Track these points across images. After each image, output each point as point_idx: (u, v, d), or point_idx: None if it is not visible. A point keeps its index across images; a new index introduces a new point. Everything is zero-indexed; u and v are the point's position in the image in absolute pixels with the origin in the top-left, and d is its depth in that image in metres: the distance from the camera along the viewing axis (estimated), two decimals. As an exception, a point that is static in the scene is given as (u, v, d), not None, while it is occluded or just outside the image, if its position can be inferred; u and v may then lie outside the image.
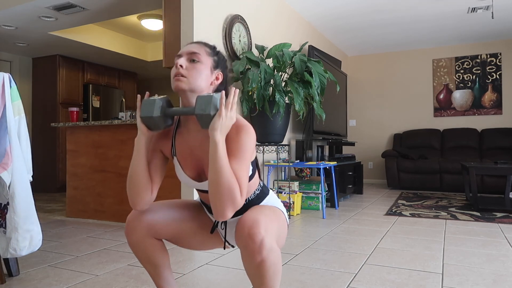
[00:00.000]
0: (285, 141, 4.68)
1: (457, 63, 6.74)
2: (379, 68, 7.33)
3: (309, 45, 4.75)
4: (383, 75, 7.31)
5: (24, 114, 2.04)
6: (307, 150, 4.79)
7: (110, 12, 4.26)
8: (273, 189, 4.10)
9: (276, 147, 3.93)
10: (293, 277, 2.02)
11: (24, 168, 1.93)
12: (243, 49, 3.84)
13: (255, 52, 4.08)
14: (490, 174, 4.63)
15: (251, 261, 1.12)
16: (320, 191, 4.19)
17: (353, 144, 5.64)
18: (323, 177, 3.99)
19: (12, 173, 1.87)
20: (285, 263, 2.28)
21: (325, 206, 4.36)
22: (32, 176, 2.07)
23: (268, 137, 3.65)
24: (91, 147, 3.74)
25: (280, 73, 3.78)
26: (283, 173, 4.47)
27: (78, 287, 1.91)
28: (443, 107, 6.81)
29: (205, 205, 1.43)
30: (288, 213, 3.87)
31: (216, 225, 1.38)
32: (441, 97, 6.83)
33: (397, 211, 4.06)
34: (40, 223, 2.81)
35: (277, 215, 1.29)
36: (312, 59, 3.70)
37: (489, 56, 6.53)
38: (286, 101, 3.66)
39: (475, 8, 5.00)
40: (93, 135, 3.73)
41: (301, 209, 4.27)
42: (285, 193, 3.91)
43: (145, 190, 1.25)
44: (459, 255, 2.43)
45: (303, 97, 3.55)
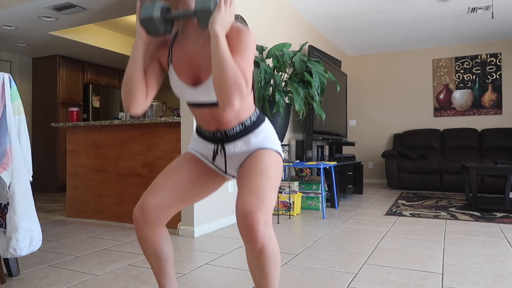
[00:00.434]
0: (285, 141, 4.68)
1: (457, 63, 6.74)
2: (379, 68, 7.34)
3: (309, 45, 4.76)
4: (383, 75, 7.31)
5: (24, 114, 2.04)
6: (307, 150, 4.79)
7: (110, 12, 4.26)
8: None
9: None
10: (293, 277, 2.02)
11: (24, 168, 1.93)
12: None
13: (255, 52, 4.08)
14: (490, 174, 4.63)
15: (252, 249, 1.16)
16: (320, 191, 4.19)
17: (353, 144, 5.64)
18: (323, 177, 3.99)
19: (12, 173, 1.87)
20: (285, 263, 2.28)
21: (325, 206, 4.36)
22: (32, 176, 2.07)
23: (268, 137, 3.64)
24: (91, 147, 3.74)
25: (280, 73, 3.78)
26: (283, 173, 4.47)
27: (78, 287, 1.91)
28: (443, 107, 6.81)
29: (200, 134, 1.40)
30: (288, 213, 3.88)
31: (216, 153, 1.37)
32: (441, 97, 6.83)
33: (397, 211, 4.06)
34: (40, 223, 2.81)
35: (273, 176, 1.25)
36: (312, 59, 3.70)
37: (489, 56, 6.53)
38: (286, 101, 3.66)
39: (475, 8, 5.00)
40: (93, 135, 3.73)
41: (301, 209, 4.27)
42: (285, 193, 3.91)
43: (139, 92, 1.26)
44: (459, 255, 2.43)
45: (303, 97, 3.55)
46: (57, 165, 6.03)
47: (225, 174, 1.44)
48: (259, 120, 1.36)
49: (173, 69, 1.30)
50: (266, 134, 1.36)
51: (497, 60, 6.48)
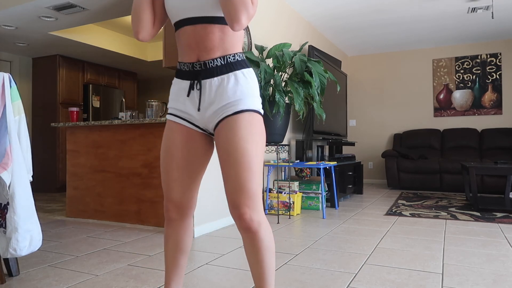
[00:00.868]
0: (285, 141, 4.68)
1: (457, 63, 6.74)
2: (379, 68, 7.34)
3: (309, 45, 4.76)
4: (383, 75, 7.31)
5: (24, 114, 2.04)
6: (307, 150, 4.79)
7: (110, 12, 4.26)
8: (273, 189, 4.10)
9: (276, 147, 3.93)
10: (293, 277, 2.02)
11: (24, 168, 1.93)
12: (243, 49, 3.85)
13: (255, 52, 4.08)
14: (490, 174, 4.63)
15: (246, 236, 1.26)
16: (320, 191, 4.19)
17: (353, 144, 5.64)
18: (323, 177, 3.99)
19: (12, 173, 1.87)
20: (285, 263, 2.28)
21: (325, 206, 4.36)
22: (32, 176, 2.08)
23: (268, 137, 3.65)
24: (91, 147, 3.74)
25: (280, 73, 3.78)
26: (283, 173, 4.47)
27: (78, 287, 1.91)
28: (443, 107, 6.81)
29: (179, 74, 1.34)
30: (288, 213, 3.88)
31: (192, 88, 1.30)
32: (441, 97, 6.83)
33: (397, 211, 4.06)
34: (40, 223, 2.81)
35: (255, 161, 1.24)
36: (312, 59, 3.70)
37: (489, 56, 6.53)
38: (286, 101, 3.66)
39: (475, 8, 5.00)
40: (93, 135, 3.73)
41: (301, 209, 4.27)
42: (285, 193, 3.91)
43: (147, 19, 1.31)
44: (459, 255, 2.43)
45: (303, 97, 3.55)
46: (57, 165, 6.03)
47: (205, 131, 1.37)
48: (244, 63, 1.31)
49: None
50: (247, 84, 1.29)
51: (497, 60, 6.48)
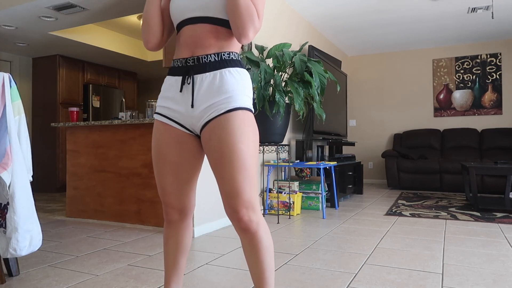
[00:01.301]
0: (285, 141, 4.68)
1: (457, 63, 6.74)
2: (379, 68, 7.33)
3: (309, 45, 4.76)
4: (383, 75, 7.31)
5: (24, 114, 2.04)
6: (307, 150, 4.79)
7: (110, 12, 4.26)
8: (273, 189, 4.10)
9: (276, 147, 3.93)
10: (293, 277, 2.02)
11: (24, 168, 1.93)
12: (242, 49, 3.85)
13: (255, 52, 4.08)
14: (490, 174, 4.63)
15: (244, 237, 1.26)
16: (320, 191, 4.19)
17: (353, 144, 5.64)
18: (323, 177, 3.99)
19: (12, 173, 1.87)
20: (285, 263, 2.28)
21: (325, 206, 4.36)
22: (32, 176, 2.08)
23: (268, 137, 3.65)
24: (91, 147, 3.74)
25: (280, 73, 3.78)
26: (283, 173, 4.47)
27: (78, 287, 1.91)
28: (443, 107, 6.81)
29: (172, 71, 1.33)
30: (288, 213, 3.88)
31: (183, 83, 1.28)
32: (441, 97, 6.83)
33: (397, 211, 4.06)
34: (40, 223, 2.81)
35: (248, 162, 1.22)
36: (312, 59, 3.70)
37: (489, 56, 6.53)
38: (286, 101, 3.66)
39: (475, 8, 5.00)
40: (93, 135, 3.73)
41: (301, 209, 4.27)
42: (285, 193, 3.91)
43: (157, 29, 1.35)
44: (459, 255, 2.43)
45: (303, 97, 3.55)
46: (57, 165, 6.03)
47: (192, 132, 1.33)
48: (239, 62, 1.30)
49: None
50: (239, 82, 1.27)
51: (497, 60, 6.48)
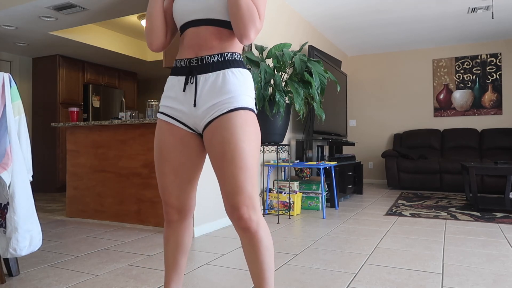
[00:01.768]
0: (285, 141, 4.68)
1: (457, 63, 6.74)
2: (379, 68, 7.33)
3: (309, 45, 4.76)
4: (383, 75, 7.31)
5: (24, 114, 2.04)
6: (307, 150, 4.79)
7: (110, 12, 4.26)
8: (273, 190, 4.10)
9: (276, 147, 3.93)
10: (293, 277, 2.02)
11: (24, 168, 1.93)
12: (244, 50, 3.85)
13: (255, 52, 4.08)
14: (490, 174, 4.63)
15: (244, 236, 1.25)
16: (320, 191, 4.19)
17: (353, 144, 5.64)
18: (323, 177, 3.99)
19: (12, 173, 1.87)
20: (285, 263, 2.28)
21: (325, 206, 4.36)
22: (32, 176, 2.08)
23: (268, 137, 3.65)
24: (91, 147, 3.74)
25: (280, 73, 3.78)
26: (283, 173, 4.47)
27: (78, 287, 1.91)
28: (443, 107, 6.81)
29: (175, 71, 1.34)
30: (288, 213, 3.88)
31: (186, 82, 1.29)
32: (441, 97, 6.83)
33: (397, 211, 4.06)
34: (40, 223, 2.81)
35: (250, 162, 1.23)
36: (312, 59, 3.70)
37: (489, 56, 6.53)
38: (286, 101, 3.66)
39: (475, 8, 5.00)
40: (93, 135, 3.73)
41: (301, 209, 4.27)
42: (285, 193, 3.91)
43: (160, 30, 1.36)
44: (459, 255, 2.43)
45: (303, 97, 3.55)
46: (57, 165, 6.03)
47: (192, 129, 1.33)
48: (241, 63, 1.32)
49: None
50: (241, 82, 1.28)
51: (497, 60, 6.48)
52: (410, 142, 6.68)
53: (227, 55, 1.28)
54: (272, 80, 3.56)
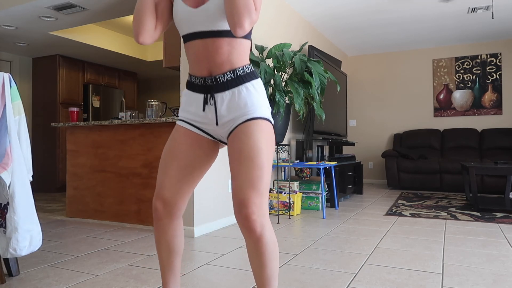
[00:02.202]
0: (285, 141, 4.68)
1: (457, 63, 6.74)
2: (379, 68, 7.34)
3: (309, 45, 4.76)
4: (383, 75, 7.31)
5: (24, 114, 2.04)
6: (307, 150, 4.79)
7: (110, 12, 4.26)
8: (273, 190, 4.10)
9: (276, 147, 3.93)
10: (293, 277, 2.02)
11: (24, 168, 1.93)
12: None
13: (255, 52, 4.08)
14: (490, 174, 4.63)
15: (250, 238, 1.23)
16: (320, 191, 4.19)
17: (353, 144, 5.64)
18: (323, 177, 3.99)
19: (12, 173, 1.87)
20: (285, 263, 2.28)
21: (325, 206, 4.36)
22: (32, 176, 2.08)
23: (268, 137, 3.64)
24: (91, 147, 3.74)
25: (280, 73, 3.78)
26: (283, 173, 4.47)
27: (78, 287, 1.91)
28: (443, 107, 6.81)
29: (191, 86, 1.38)
30: (288, 213, 3.88)
31: (206, 102, 1.34)
32: (441, 97, 6.83)
33: (397, 211, 4.06)
34: (40, 223, 2.81)
35: (265, 163, 1.25)
36: (312, 59, 3.70)
37: (489, 56, 6.53)
38: (286, 101, 3.66)
39: (475, 8, 5.00)
40: (93, 135, 3.73)
41: (301, 209, 4.27)
42: (285, 193, 3.91)
43: (149, 22, 1.32)
44: (459, 255, 2.43)
45: (303, 97, 3.55)
46: (57, 165, 6.03)
47: (215, 139, 1.41)
48: (253, 74, 1.35)
49: None
50: (257, 95, 1.33)
51: (497, 60, 6.48)
52: (410, 142, 6.68)
53: (238, 71, 1.31)
54: (272, 80, 3.56)
